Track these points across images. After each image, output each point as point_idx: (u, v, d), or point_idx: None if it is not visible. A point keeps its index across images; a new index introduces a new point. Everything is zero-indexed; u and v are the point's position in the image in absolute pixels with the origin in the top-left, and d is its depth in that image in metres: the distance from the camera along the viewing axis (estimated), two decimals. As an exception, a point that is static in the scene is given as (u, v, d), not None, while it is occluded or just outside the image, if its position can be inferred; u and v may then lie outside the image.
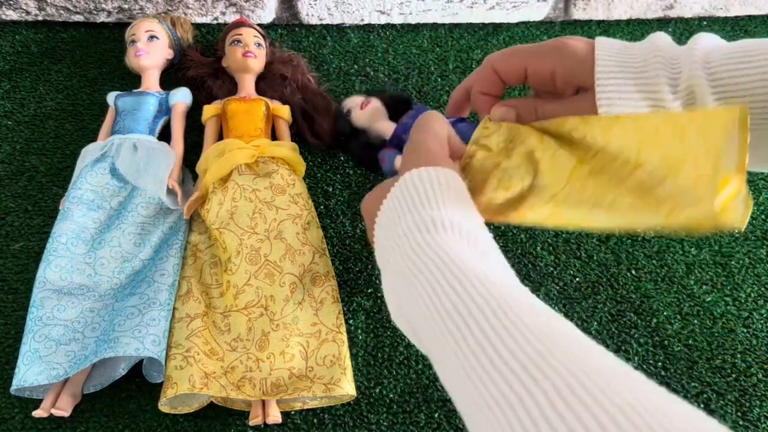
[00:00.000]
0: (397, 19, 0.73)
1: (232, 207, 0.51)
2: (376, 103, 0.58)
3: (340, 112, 0.60)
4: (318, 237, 0.52)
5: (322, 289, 0.49)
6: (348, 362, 0.46)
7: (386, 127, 0.57)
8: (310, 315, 0.47)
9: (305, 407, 0.46)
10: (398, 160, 0.53)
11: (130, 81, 0.64)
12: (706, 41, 0.36)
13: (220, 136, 0.58)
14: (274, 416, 0.43)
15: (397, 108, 0.59)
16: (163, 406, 0.43)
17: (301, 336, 0.46)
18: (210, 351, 0.45)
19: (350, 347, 0.49)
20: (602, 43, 0.38)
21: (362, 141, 0.58)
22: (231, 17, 0.70)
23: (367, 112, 0.57)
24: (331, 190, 0.58)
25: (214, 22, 0.71)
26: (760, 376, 0.49)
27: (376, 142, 0.58)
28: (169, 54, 0.63)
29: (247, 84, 0.61)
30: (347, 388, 0.44)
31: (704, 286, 0.54)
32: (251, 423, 0.43)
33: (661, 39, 0.37)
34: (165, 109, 0.60)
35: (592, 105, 0.37)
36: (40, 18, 0.69)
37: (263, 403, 0.44)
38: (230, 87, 0.62)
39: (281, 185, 0.53)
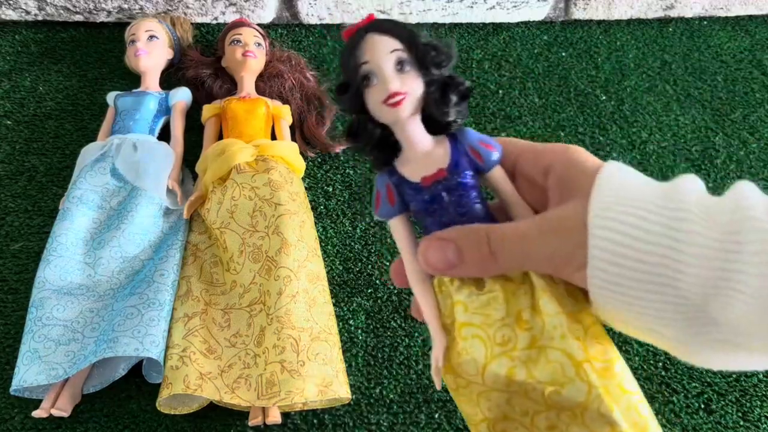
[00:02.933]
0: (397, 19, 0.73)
1: (231, 206, 0.51)
2: (414, 97, 0.29)
3: (352, 76, 0.31)
4: (312, 237, 0.51)
5: (314, 287, 0.48)
6: (341, 365, 0.46)
7: (416, 138, 0.30)
8: (303, 310, 0.46)
9: (305, 408, 0.45)
10: (399, 226, 0.31)
11: (130, 81, 0.64)
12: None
13: (220, 136, 0.58)
14: (274, 417, 0.43)
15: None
16: (162, 407, 0.43)
17: (293, 329, 0.45)
18: (207, 349, 0.45)
19: (350, 347, 0.49)
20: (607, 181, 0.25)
21: (376, 134, 0.32)
22: (231, 17, 0.70)
23: (392, 113, 0.30)
24: (331, 190, 0.58)
25: (214, 21, 0.71)
26: (760, 376, 0.49)
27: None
28: (168, 54, 0.63)
29: (247, 84, 0.61)
30: (341, 392, 0.44)
31: (705, 287, 0.54)
32: (251, 424, 0.43)
33: (690, 195, 0.23)
34: (165, 109, 0.60)
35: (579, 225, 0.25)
36: (40, 18, 0.69)
37: (263, 403, 0.44)
38: (230, 87, 0.62)
39: (279, 182, 0.52)
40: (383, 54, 0.30)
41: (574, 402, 0.29)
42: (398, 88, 0.29)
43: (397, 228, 0.32)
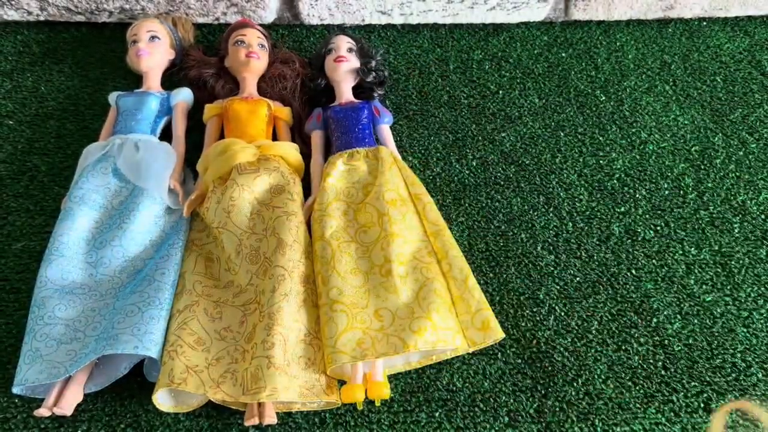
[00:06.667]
0: (397, 20, 0.73)
1: (229, 206, 0.51)
2: (352, 65, 0.61)
3: (324, 45, 0.63)
4: (306, 239, 0.52)
5: (305, 289, 0.49)
6: (324, 368, 0.46)
7: (344, 93, 0.60)
8: (294, 310, 0.47)
9: (305, 409, 0.46)
10: (316, 135, 0.59)
11: (132, 81, 0.64)
12: None
13: (221, 136, 0.58)
14: (270, 416, 0.43)
15: (363, 88, 0.62)
16: (162, 405, 0.43)
17: (283, 327, 0.45)
18: (196, 341, 0.45)
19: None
20: None
21: (321, 85, 0.62)
22: (232, 17, 0.70)
23: (336, 68, 0.60)
24: (331, 189, 0.59)
25: (215, 22, 0.71)
26: (759, 375, 0.49)
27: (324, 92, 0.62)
28: (170, 54, 0.63)
29: (249, 84, 0.61)
30: (324, 396, 0.44)
31: (704, 286, 0.54)
32: (247, 423, 0.43)
33: None
34: (166, 109, 0.60)
35: None
36: (41, 18, 0.69)
37: (258, 403, 0.44)
38: (232, 87, 0.62)
39: (280, 184, 0.53)
40: (343, 42, 0.62)
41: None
42: (344, 54, 0.61)
43: (315, 137, 0.59)
